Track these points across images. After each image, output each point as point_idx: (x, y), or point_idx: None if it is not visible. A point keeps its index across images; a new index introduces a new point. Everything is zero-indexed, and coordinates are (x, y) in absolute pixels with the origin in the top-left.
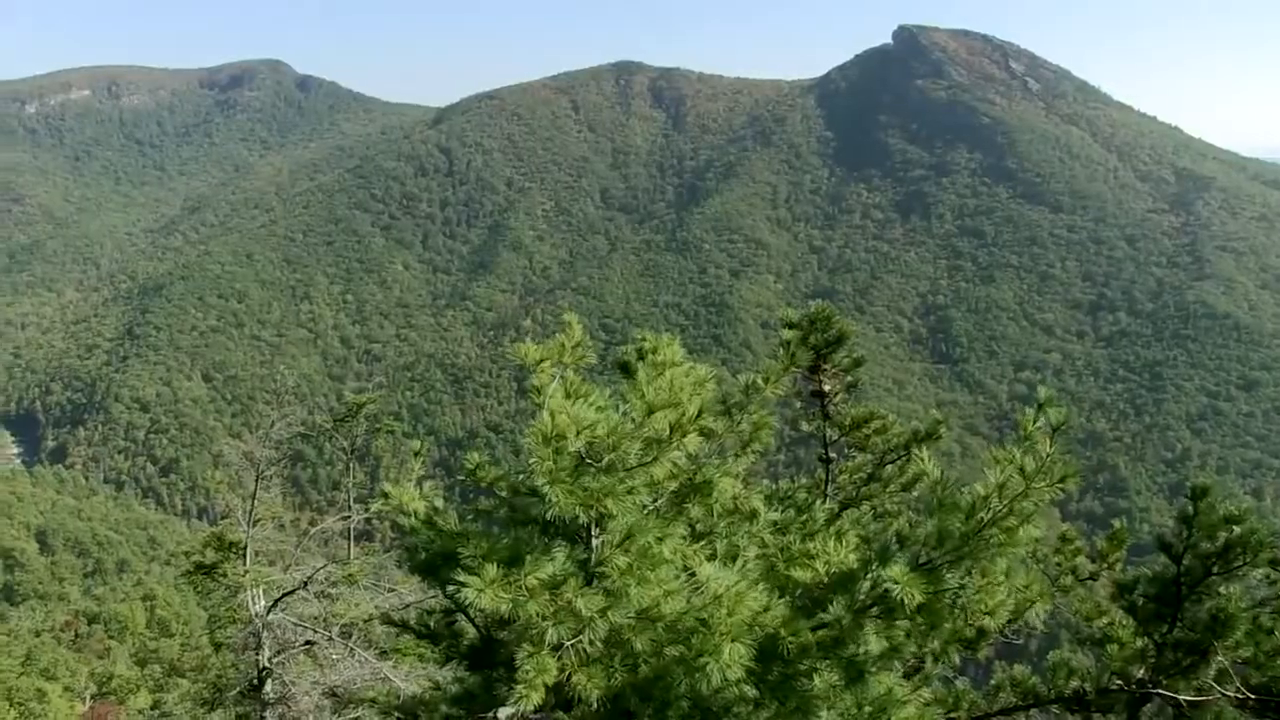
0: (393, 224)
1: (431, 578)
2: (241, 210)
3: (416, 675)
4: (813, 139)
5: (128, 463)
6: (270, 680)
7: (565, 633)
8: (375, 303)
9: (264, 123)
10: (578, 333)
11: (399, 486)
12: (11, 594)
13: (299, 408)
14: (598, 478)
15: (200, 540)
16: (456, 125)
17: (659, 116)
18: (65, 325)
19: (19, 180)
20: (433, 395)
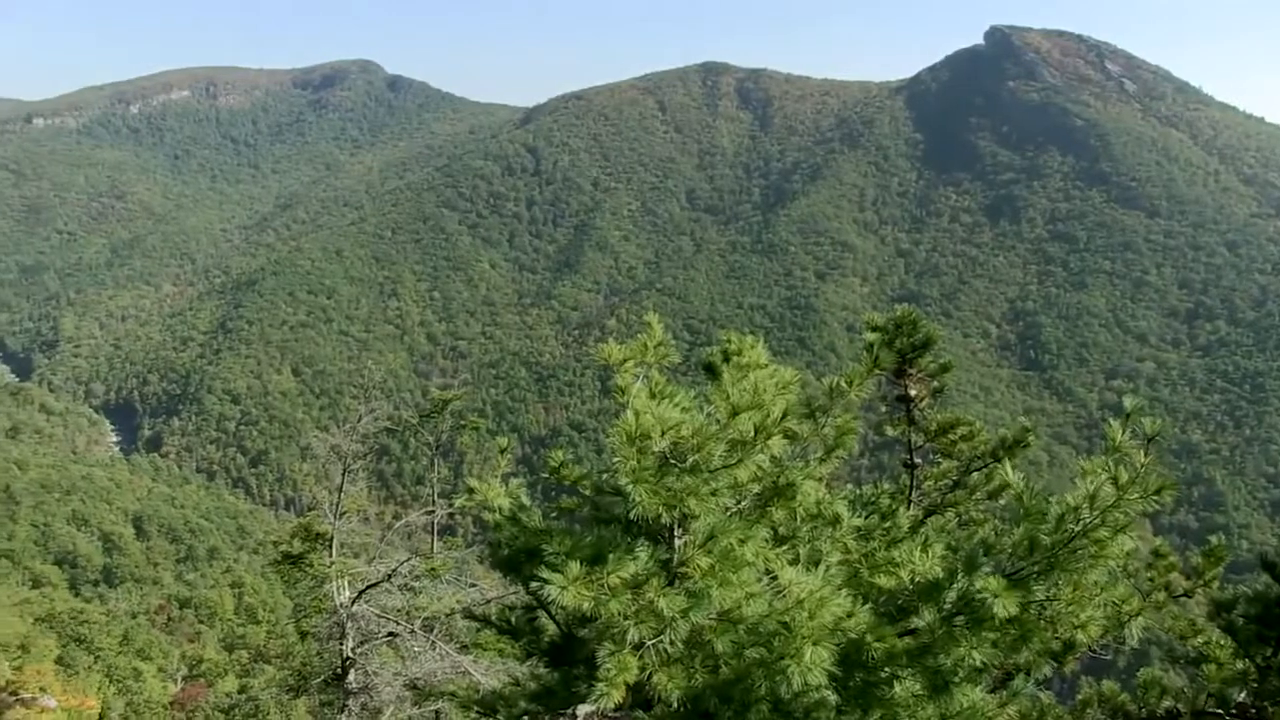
0: (480, 223)
1: (514, 574)
2: (332, 208)
3: (496, 670)
4: (901, 141)
5: (219, 453)
6: (353, 670)
7: (646, 632)
8: (461, 300)
9: (355, 122)
10: (659, 333)
11: (485, 482)
12: (110, 576)
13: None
14: (681, 478)
15: (288, 531)
16: (544, 125)
17: (746, 117)
18: (162, 318)
19: (122, 178)
20: (517, 393)
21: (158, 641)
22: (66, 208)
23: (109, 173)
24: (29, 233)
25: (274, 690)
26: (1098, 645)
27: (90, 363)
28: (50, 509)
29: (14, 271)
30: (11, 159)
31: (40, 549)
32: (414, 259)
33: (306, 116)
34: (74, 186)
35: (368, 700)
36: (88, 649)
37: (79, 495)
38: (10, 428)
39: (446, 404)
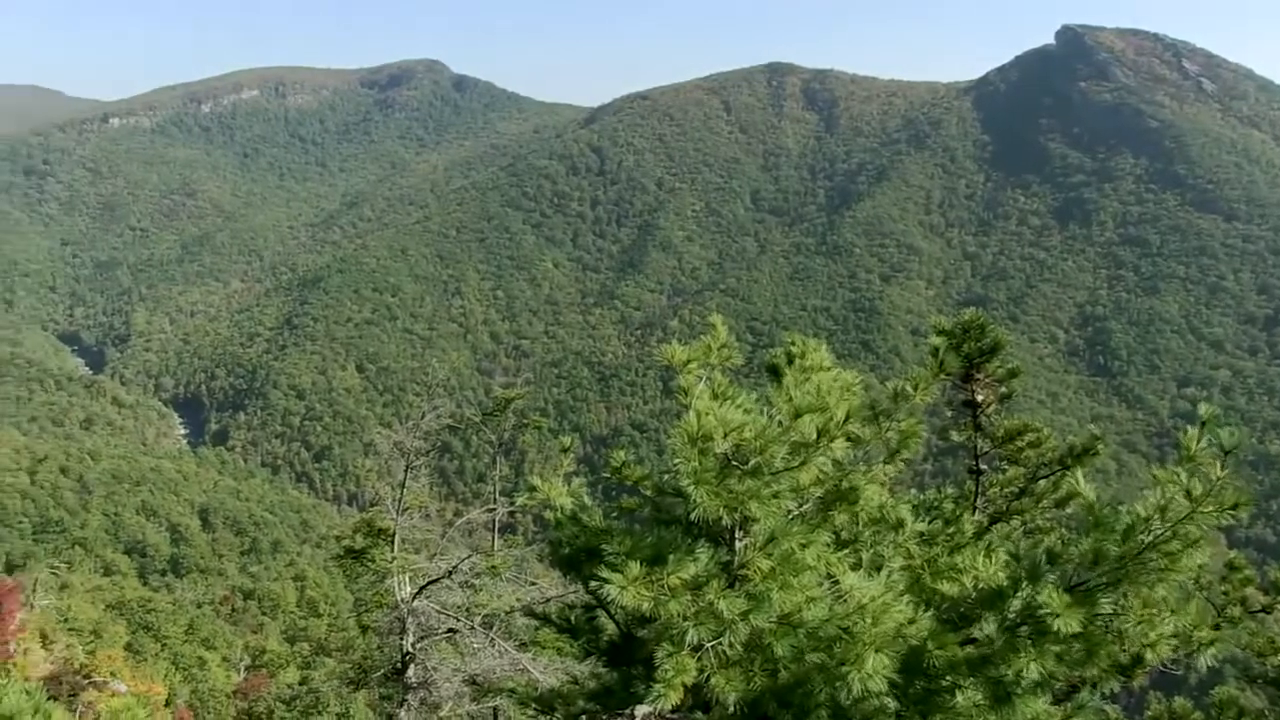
0: (544, 222)
1: (574, 573)
2: (398, 206)
3: (555, 668)
4: (968, 143)
5: (284, 447)
6: (413, 665)
7: (705, 634)
8: (525, 299)
9: (421, 121)
10: (723, 334)
11: (547, 481)
12: (177, 566)
13: (448, 400)
14: (743, 480)
15: (351, 526)
16: (608, 125)
17: (811, 118)
18: (230, 314)
19: (193, 175)
20: (579, 392)
21: (222, 631)
22: (140, 205)
23: (181, 171)
24: (104, 229)
25: (334, 683)
26: (1169, 661)
27: (160, 357)
28: (121, 499)
29: (89, 267)
30: (90, 157)
31: (111, 538)
32: (478, 258)
33: (373, 116)
34: (147, 184)
35: (427, 695)
36: (155, 637)
37: (148, 486)
38: (84, 419)
39: (509, 403)
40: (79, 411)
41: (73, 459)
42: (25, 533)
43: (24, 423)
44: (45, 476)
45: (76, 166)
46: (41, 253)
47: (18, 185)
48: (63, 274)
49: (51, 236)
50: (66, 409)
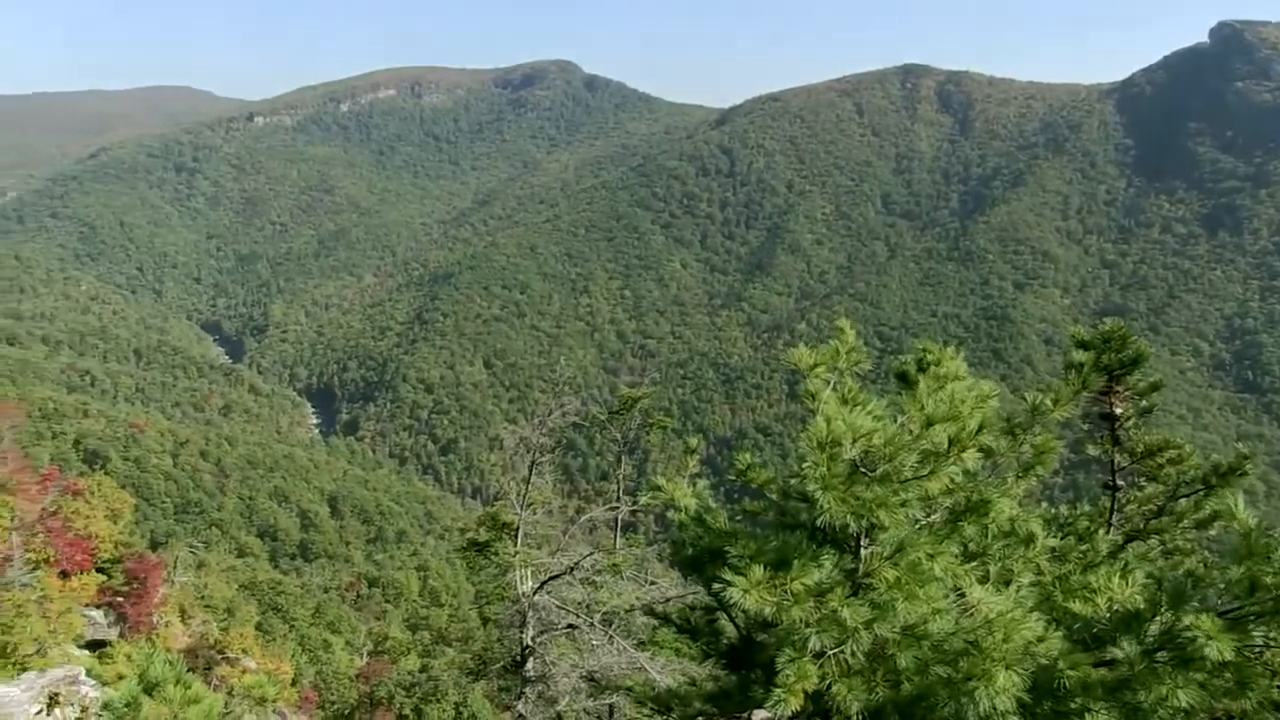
0: (673, 222)
1: (696, 574)
2: (528, 205)
3: (672, 668)
4: (1110, 146)
5: (411, 440)
6: (532, 659)
7: (828, 641)
8: (652, 299)
9: (553, 121)
10: (851, 338)
11: (671, 481)
12: (306, 551)
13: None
14: (871, 487)
15: (475, 519)
16: (739, 126)
17: (945, 121)
18: (363, 308)
19: (331, 172)
20: (704, 394)
21: (347, 617)
22: (280, 200)
23: (319, 168)
24: (246, 224)
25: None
26: None
27: (295, 348)
28: (255, 484)
29: (231, 260)
30: (234, 155)
31: (245, 521)
32: (606, 257)
33: (506, 115)
34: (287, 180)
35: (544, 689)
36: (284, 618)
37: (281, 473)
38: (223, 406)
39: (636, 402)
40: (218, 398)
41: (212, 444)
42: (168, 512)
43: (168, 407)
44: (186, 460)
45: (222, 163)
46: (188, 245)
47: (169, 181)
48: (207, 266)
49: (198, 230)
50: (207, 395)
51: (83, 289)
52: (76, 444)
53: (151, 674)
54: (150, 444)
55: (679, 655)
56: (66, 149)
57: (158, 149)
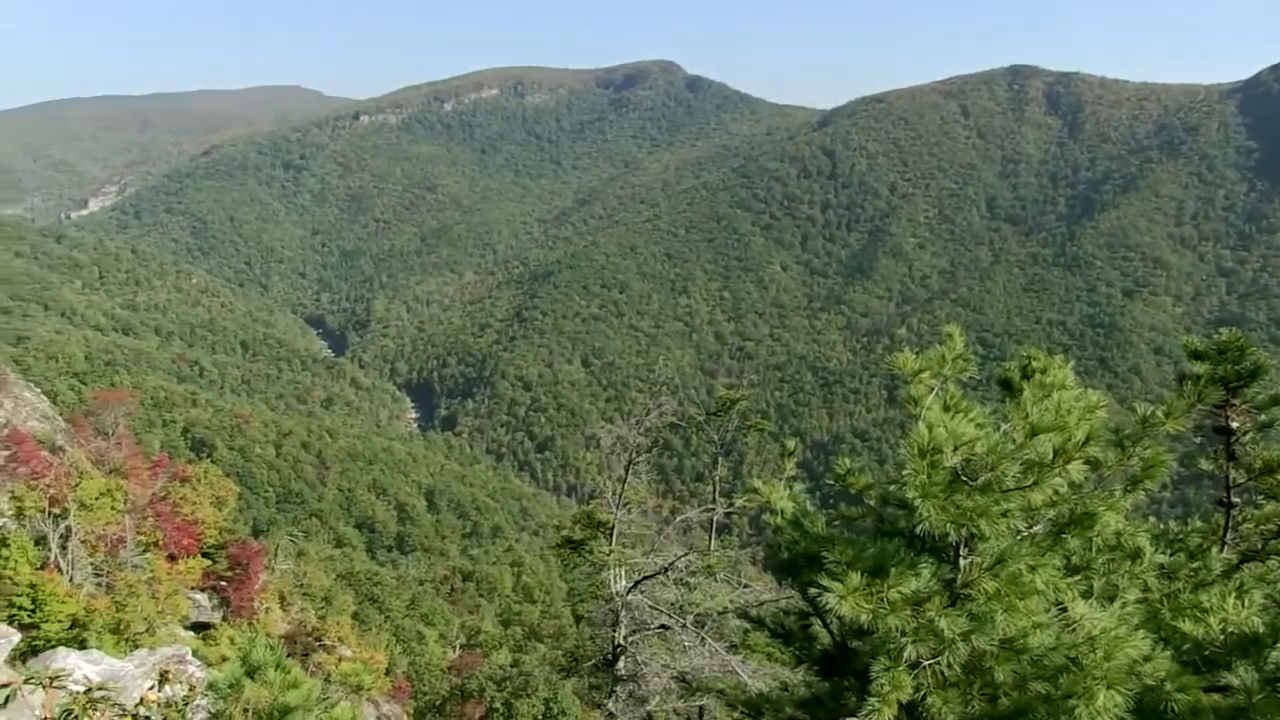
0: (773, 224)
1: (791, 578)
2: (628, 204)
3: (764, 673)
4: (1230, 149)
5: (508, 436)
6: (623, 658)
7: (924, 651)
8: (751, 301)
9: (654, 121)
10: (959, 345)
11: (769, 484)
12: (403, 543)
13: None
14: (972, 496)
15: (571, 517)
16: (842, 128)
17: (1053, 123)
18: (463, 304)
19: (434, 170)
20: (801, 397)
21: (441, 609)
22: (384, 197)
23: (423, 166)
24: (351, 220)
25: (545, 668)
26: None
27: (396, 343)
28: (354, 476)
29: (336, 255)
30: (341, 153)
31: (344, 512)
32: (706, 258)
33: (608, 115)
34: (391, 178)
35: (635, 688)
36: (379, 608)
37: (380, 466)
38: (325, 398)
39: (734, 404)
40: (321, 391)
41: (313, 435)
42: (270, 501)
43: (272, 399)
44: (289, 450)
45: (329, 161)
46: (295, 241)
47: (277, 178)
48: (312, 261)
49: (304, 226)
50: (310, 388)
51: (194, 282)
52: (185, 432)
53: (254, 658)
54: (255, 434)
55: (771, 659)
56: (183, 147)
57: (267, 147)
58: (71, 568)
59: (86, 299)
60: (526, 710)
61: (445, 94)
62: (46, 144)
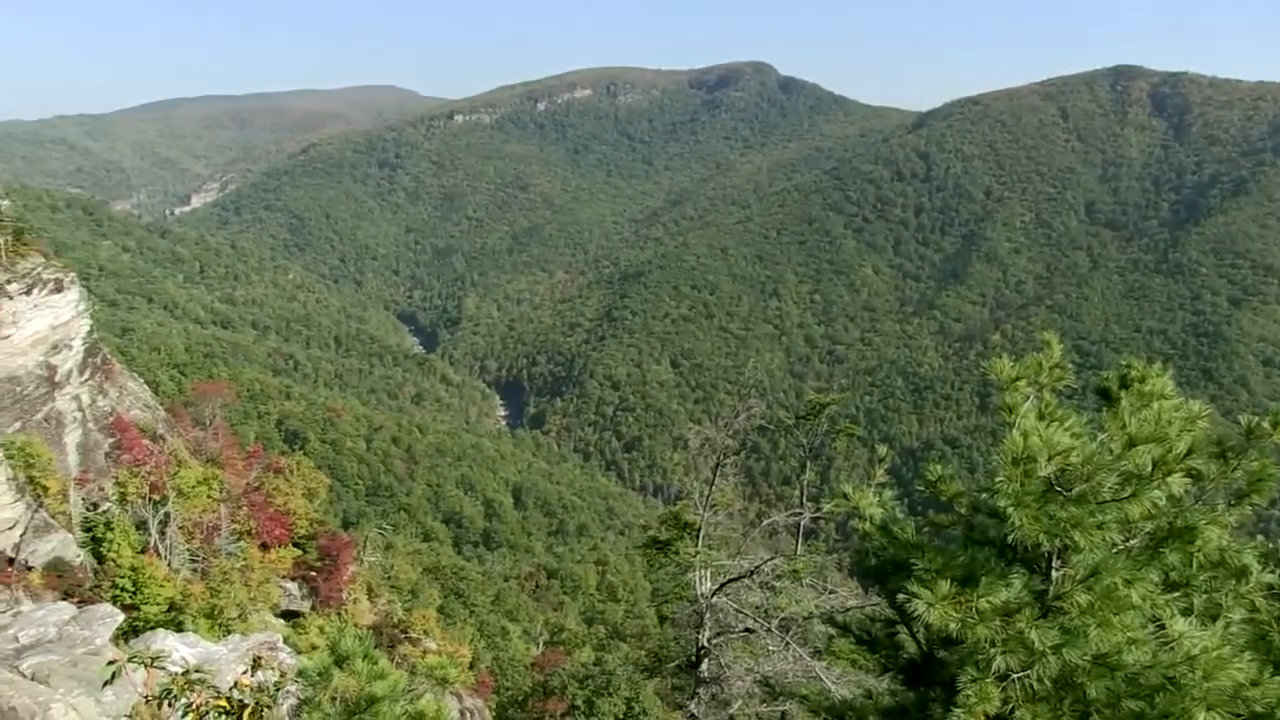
0: (865, 227)
1: (879, 584)
2: (720, 206)
3: (848, 679)
4: None
5: (596, 435)
6: (707, 660)
7: (1014, 663)
8: (842, 304)
9: (747, 122)
10: (1057, 353)
11: (858, 490)
12: (489, 539)
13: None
14: (1066, 507)
15: (657, 517)
16: (937, 130)
17: (1158, 125)
18: (553, 303)
19: (527, 170)
20: (891, 402)
21: (525, 606)
22: (476, 196)
23: (515, 165)
24: (443, 218)
25: (628, 668)
26: None
27: (487, 340)
28: (443, 472)
29: (429, 253)
30: (435, 151)
31: (432, 506)
32: (797, 260)
33: (700, 116)
34: (484, 177)
35: (718, 691)
36: (465, 603)
37: (468, 462)
38: (416, 394)
39: (823, 407)
40: (411, 387)
41: (403, 430)
42: (359, 494)
43: (364, 393)
44: (379, 445)
45: (423, 160)
46: (389, 238)
47: (373, 176)
48: (405, 259)
49: (398, 224)
50: (401, 384)
51: (290, 277)
52: (279, 424)
53: (343, 647)
54: (346, 428)
55: (856, 666)
56: (282, 145)
57: (363, 145)
58: (169, 553)
59: (188, 293)
60: (608, 709)
61: (539, 94)
62: (153, 142)
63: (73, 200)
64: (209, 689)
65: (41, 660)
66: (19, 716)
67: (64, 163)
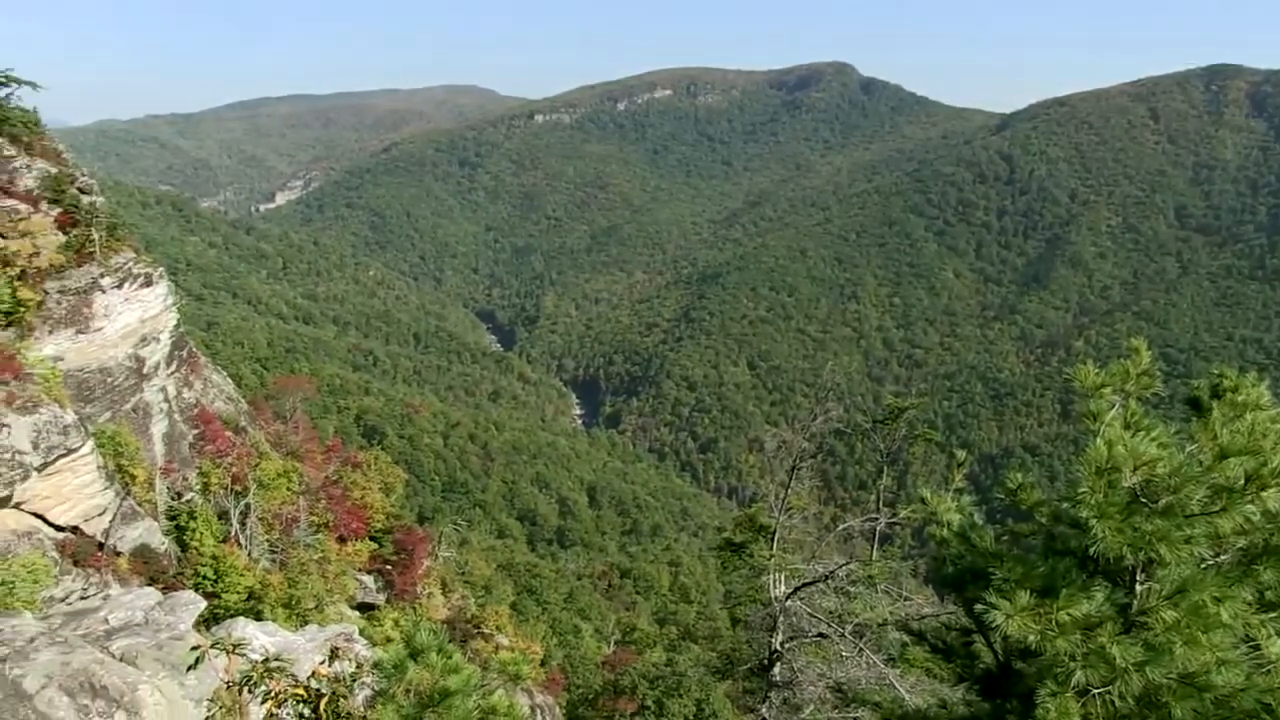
0: (946, 230)
1: (955, 593)
2: (799, 207)
3: (922, 688)
4: None
5: (671, 436)
6: (779, 663)
7: (1094, 678)
8: (921, 308)
9: (827, 123)
10: (1145, 360)
11: (936, 496)
12: (563, 537)
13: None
14: (1151, 519)
15: (732, 519)
16: (1021, 132)
17: (1256, 127)
18: (631, 303)
19: (606, 170)
20: (970, 408)
21: (597, 605)
22: (556, 195)
23: (595, 165)
24: (523, 217)
25: (699, 669)
26: None
27: (564, 339)
28: (518, 469)
29: (508, 252)
30: (515, 151)
31: (506, 503)
32: (876, 263)
33: (780, 117)
34: (564, 176)
35: (790, 695)
36: (537, 600)
37: (543, 460)
38: (493, 391)
39: (901, 412)
40: (489, 384)
41: (480, 427)
42: (435, 489)
43: (442, 390)
44: (456, 441)
45: (503, 159)
46: (468, 237)
47: (453, 175)
48: (484, 257)
49: (477, 222)
50: (478, 381)
51: (371, 274)
52: (358, 419)
53: (418, 641)
54: (423, 424)
55: (930, 675)
56: (364, 144)
57: (444, 144)
58: (249, 543)
59: (271, 288)
60: (678, 710)
61: (619, 94)
62: (240, 141)
63: (162, 197)
64: (288, 677)
65: (129, 643)
66: (110, 695)
67: (155, 161)
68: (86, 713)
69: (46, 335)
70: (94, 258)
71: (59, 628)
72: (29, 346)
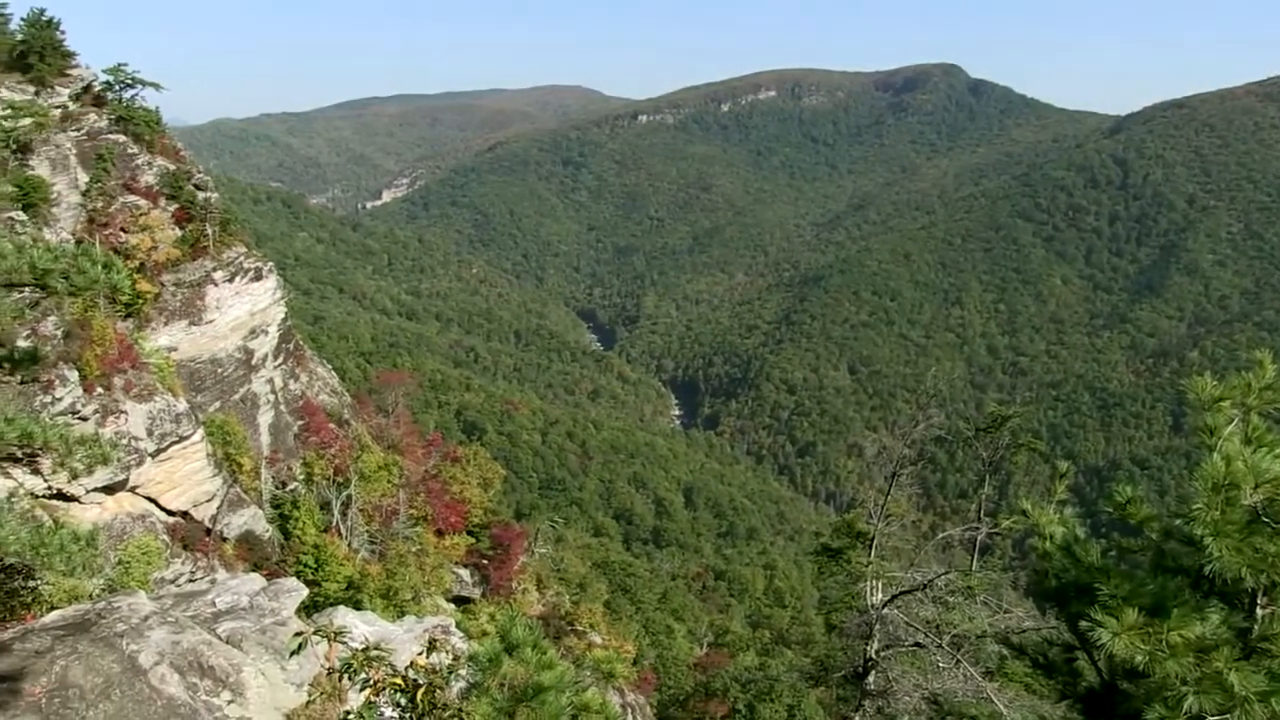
0: (1055, 236)
1: (1058, 607)
2: (904, 210)
3: (1021, 704)
4: None
5: (769, 439)
6: (874, 672)
7: (1209, 705)
8: (1028, 315)
9: (934, 126)
10: (1270, 373)
11: (1039, 507)
12: (658, 537)
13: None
14: (1274, 540)
15: (830, 524)
16: (1136, 135)
17: None
18: (732, 305)
19: (709, 171)
20: (1076, 418)
21: (691, 606)
22: (658, 196)
23: (698, 166)
24: (625, 217)
25: (792, 674)
26: None
27: (664, 340)
28: (616, 468)
29: (610, 251)
30: (618, 151)
31: (603, 502)
32: (982, 268)
33: (886, 119)
34: (666, 177)
35: (884, 705)
36: (631, 599)
37: (641, 460)
38: (592, 390)
39: (1005, 420)
40: (588, 383)
41: (579, 426)
42: (533, 486)
43: (541, 387)
44: (554, 439)
45: (606, 159)
46: (570, 236)
47: (556, 174)
48: (586, 256)
49: (580, 222)
50: (578, 379)
51: (474, 272)
52: (458, 414)
53: (513, 636)
54: (523, 421)
55: (1029, 691)
56: (469, 143)
57: (548, 144)
58: (350, 533)
59: (376, 284)
60: (769, 714)
61: (723, 95)
62: (348, 139)
63: (273, 193)
64: (386, 666)
65: (235, 626)
66: (216, 675)
67: (267, 158)
68: (195, 690)
69: (161, 326)
70: (208, 252)
71: (170, 608)
72: (145, 337)
